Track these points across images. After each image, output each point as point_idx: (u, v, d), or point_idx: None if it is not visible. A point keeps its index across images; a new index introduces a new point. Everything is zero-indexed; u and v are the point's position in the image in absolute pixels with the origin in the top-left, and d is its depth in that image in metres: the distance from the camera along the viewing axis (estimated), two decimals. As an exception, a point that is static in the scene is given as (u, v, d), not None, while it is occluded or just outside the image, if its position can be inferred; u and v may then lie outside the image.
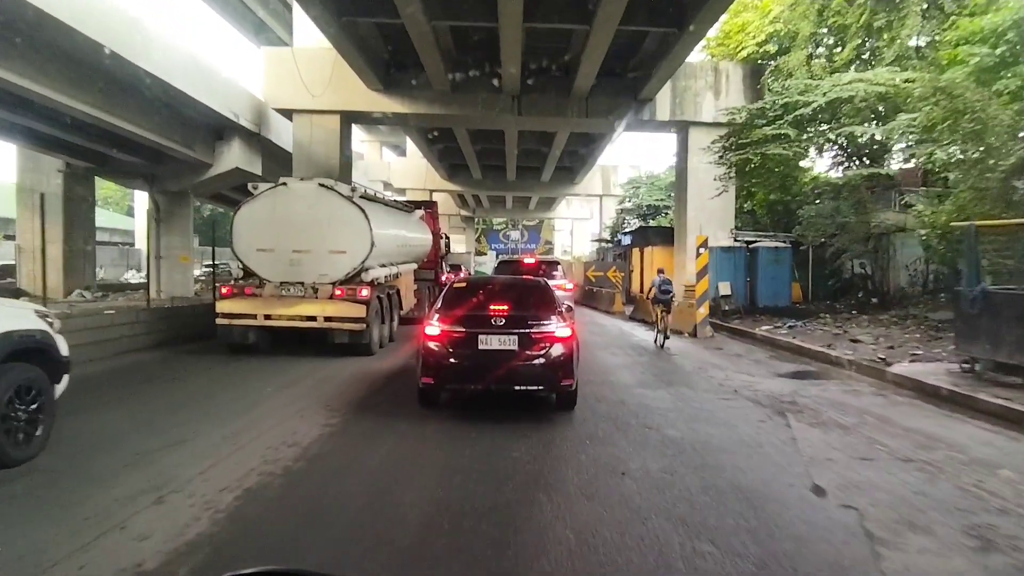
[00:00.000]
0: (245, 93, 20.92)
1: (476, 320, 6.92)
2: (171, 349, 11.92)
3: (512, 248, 52.16)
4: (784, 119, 14.74)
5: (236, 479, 4.91)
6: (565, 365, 6.81)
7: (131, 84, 16.32)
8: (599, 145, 29.92)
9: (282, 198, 11.02)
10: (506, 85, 20.04)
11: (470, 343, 6.77)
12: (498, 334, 6.76)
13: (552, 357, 6.74)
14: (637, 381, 8.97)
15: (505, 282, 8.87)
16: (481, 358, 6.74)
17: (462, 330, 6.84)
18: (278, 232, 10.89)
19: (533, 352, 6.71)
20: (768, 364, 10.63)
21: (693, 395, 8.08)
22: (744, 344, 13.18)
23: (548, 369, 6.73)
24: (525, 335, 6.75)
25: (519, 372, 6.72)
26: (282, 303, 10.73)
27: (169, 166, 21.01)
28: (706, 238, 14.48)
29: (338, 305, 10.65)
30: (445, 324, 6.92)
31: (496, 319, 6.86)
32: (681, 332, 14.58)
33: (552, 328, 6.85)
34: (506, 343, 6.74)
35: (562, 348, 6.79)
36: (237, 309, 10.76)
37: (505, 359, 6.68)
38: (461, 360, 6.80)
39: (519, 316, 6.94)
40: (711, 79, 21.46)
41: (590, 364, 9.91)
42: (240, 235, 11.07)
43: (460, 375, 6.91)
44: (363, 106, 20.73)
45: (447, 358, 6.81)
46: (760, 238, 19.71)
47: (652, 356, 11.35)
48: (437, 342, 6.86)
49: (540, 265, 15.93)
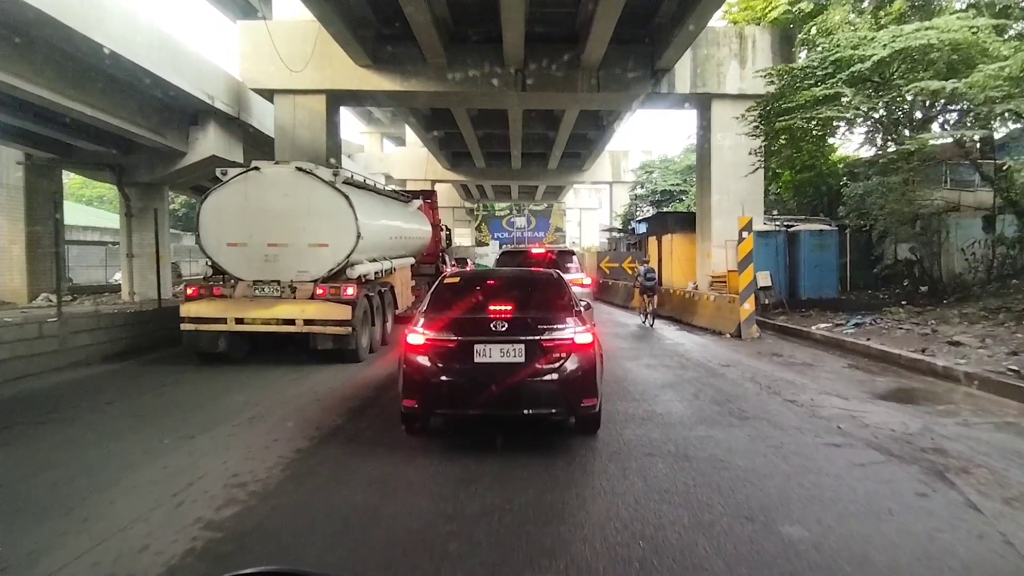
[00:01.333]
0: (221, 73, 18.48)
1: (471, 325, 5.32)
2: (133, 359, 10.05)
3: (518, 237, 45.11)
4: (837, 77, 11.97)
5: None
6: (586, 381, 5.19)
7: (86, 61, 14.13)
8: (610, 127, 27.33)
9: (255, 185, 9.46)
10: (508, 57, 17.60)
11: (463, 355, 5.16)
12: (500, 343, 5.13)
13: (569, 371, 5.12)
14: (693, 412, 6.38)
15: (509, 276, 7.16)
16: (478, 374, 5.13)
17: (453, 338, 5.23)
18: (251, 224, 9.41)
19: (545, 365, 5.12)
20: (854, 378, 8.01)
21: (784, 439, 5.45)
22: (804, 348, 10.57)
23: (564, 386, 5.12)
24: (534, 343, 5.15)
25: (527, 391, 5.15)
26: (256, 304, 9.25)
27: (140, 155, 18.64)
28: (750, 219, 11.95)
29: (320, 306, 9.20)
30: (432, 331, 5.29)
31: (497, 323, 5.21)
32: (721, 333, 11.99)
33: (569, 333, 5.21)
34: (510, 354, 5.11)
35: (582, 359, 5.17)
36: (204, 312, 9.25)
37: (509, 375, 5.07)
38: (452, 377, 5.17)
39: (526, 319, 5.33)
40: (735, 46, 18.82)
41: (623, 383, 7.50)
42: (207, 228, 9.58)
43: (451, 396, 5.26)
44: (351, 84, 18.29)
45: (434, 375, 5.17)
46: (796, 221, 16.99)
47: (699, 368, 8.75)
48: (421, 354, 5.22)
49: (551, 256, 13.09)
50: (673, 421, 6.05)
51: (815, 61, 13.10)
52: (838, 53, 12.78)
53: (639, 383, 7.82)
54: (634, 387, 7.56)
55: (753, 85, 18.53)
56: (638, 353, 10.06)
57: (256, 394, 7.42)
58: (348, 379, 8.35)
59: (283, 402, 6.97)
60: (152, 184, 19.38)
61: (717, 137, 18.94)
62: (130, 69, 14.96)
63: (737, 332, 11.61)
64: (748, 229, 11.73)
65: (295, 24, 18.10)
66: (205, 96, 17.64)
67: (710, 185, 19.08)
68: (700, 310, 13.52)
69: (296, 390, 7.64)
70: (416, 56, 17.61)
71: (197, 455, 5.01)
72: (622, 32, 16.48)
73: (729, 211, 18.95)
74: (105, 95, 15.43)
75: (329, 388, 7.76)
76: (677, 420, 6.07)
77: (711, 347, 10.75)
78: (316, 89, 18.23)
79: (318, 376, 8.65)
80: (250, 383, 7.98)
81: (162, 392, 7.63)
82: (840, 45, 12.99)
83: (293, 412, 6.48)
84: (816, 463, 4.83)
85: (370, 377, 8.47)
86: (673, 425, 5.90)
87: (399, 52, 17.97)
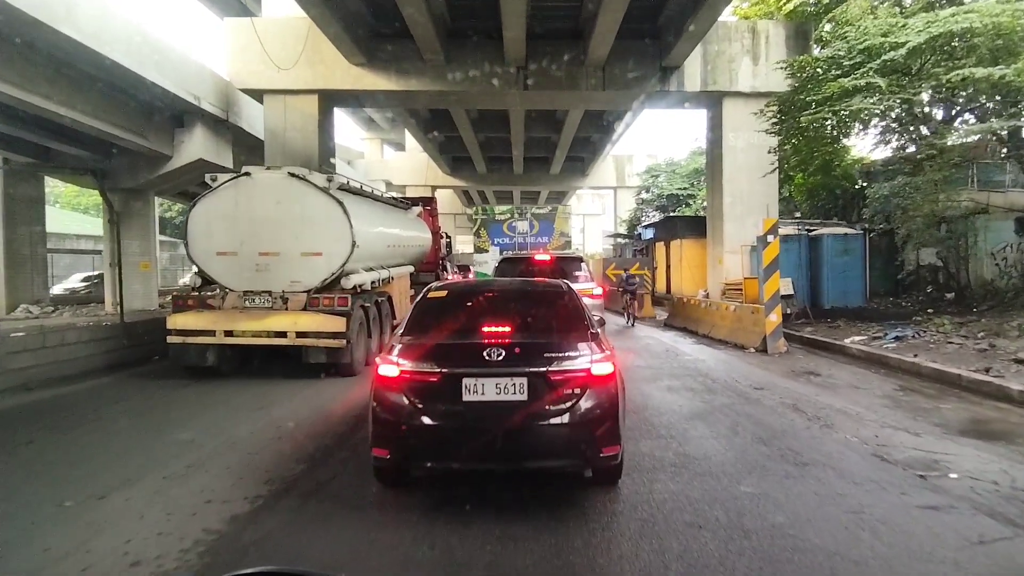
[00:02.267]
0: (208, 73, 17.33)
1: (460, 353, 4.15)
2: (82, 382, 8.86)
3: (520, 243, 41.58)
4: (867, 66, 10.74)
5: None
6: (606, 424, 3.98)
7: (58, 58, 13.05)
8: (614, 129, 26.16)
9: (245, 191, 8.93)
10: (509, 54, 16.50)
11: (449, 392, 3.95)
12: (496, 375, 3.92)
13: (585, 412, 3.92)
14: (736, 455, 5.05)
15: (508, 289, 5.68)
16: (468, 417, 3.95)
17: (436, 370, 4.00)
18: (241, 232, 8.89)
19: (554, 405, 3.91)
20: (914, 406, 6.68)
21: (862, 497, 4.08)
22: (841, 365, 9.24)
23: (579, 432, 3.93)
24: (540, 377, 3.94)
25: (531, 439, 3.99)
26: (246, 316, 8.73)
27: (122, 159, 17.45)
28: (775, 221, 10.66)
29: (313, 317, 8.67)
30: (409, 360, 4.07)
31: (493, 350, 4.00)
32: (744, 347, 10.69)
33: (584, 363, 3.99)
34: (509, 390, 3.90)
35: (601, 396, 3.98)
36: (192, 324, 8.70)
37: (507, 417, 3.88)
38: (434, 420, 3.95)
39: (530, 344, 4.20)
40: (748, 42, 17.62)
41: (643, 412, 6.29)
42: (196, 236, 9.06)
43: (433, 446, 4.05)
44: (344, 83, 17.20)
45: (411, 417, 3.95)
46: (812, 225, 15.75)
47: (728, 392, 7.43)
48: (395, 390, 4.01)
49: (557, 263, 11.39)
50: (713, 469, 4.75)
51: (842, 50, 11.87)
52: (867, 41, 11.57)
53: (663, 412, 6.54)
54: (657, 417, 6.28)
55: (767, 82, 17.36)
56: (656, 372, 8.76)
57: (209, 428, 6.18)
58: (325, 405, 7.12)
59: (237, 440, 5.71)
60: (136, 190, 18.18)
61: (729, 137, 17.75)
62: (106, 67, 13.81)
63: (762, 346, 10.33)
64: (774, 232, 10.47)
65: (286, 21, 17.03)
66: (191, 97, 16.46)
67: (722, 188, 17.87)
68: (718, 321, 12.25)
69: (257, 422, 6.40)
70: (413, 54, 16.52)
71: (98, 527, 3.76)
72: (628, 27, 15.36)
73: (742, 215, 17.74)
74: (81, 94, 14.26)
75: (300, 418, 6.53)
76: (718, 468, 4.77)
77: (736, 364, 9.46)
78: (307, 89, 17.11)
79: (306, 394, 7.44)
80: (206, 412, 6.75)
81: (95, 427, 6.36)
82: (869, 33, 11.76)
83: (245, 456, 5.22)
84: (917, 539, 3.53)
85: (363, 396, 7.17)
86: (715, 475, 4.61)
87: (395, 50, 16.89)
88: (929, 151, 13.56)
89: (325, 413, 6.77)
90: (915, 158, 14.15)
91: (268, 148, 17.30)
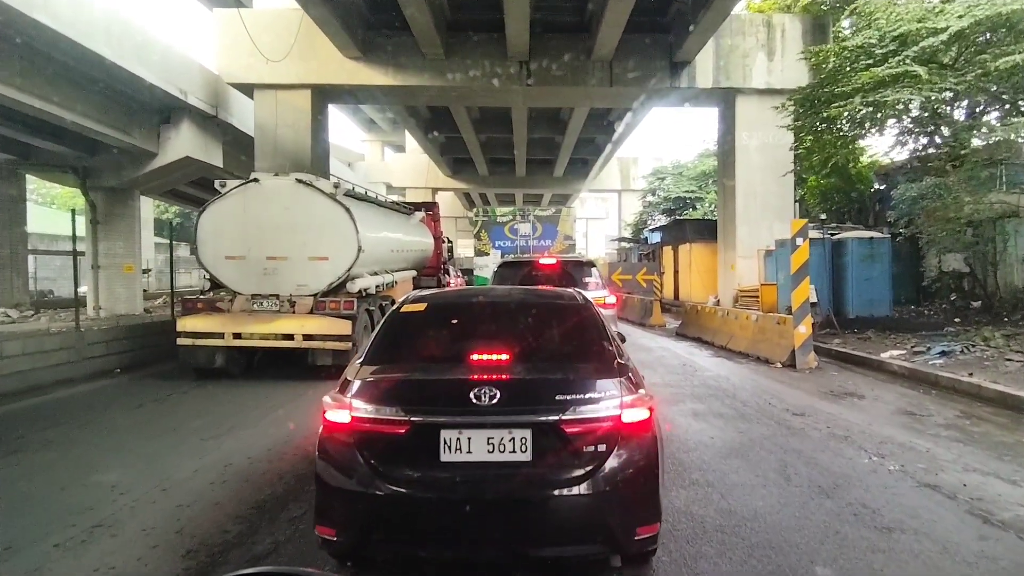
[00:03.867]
0: (196, 67, 16.28)
1: (438, 393, 2.97)
2: (56, 392, 7.99)
3: (522, 246, 38.95)
4: (903, 54, 9.60)
5: None
6: (643, 494, 2.83)
7: (35, 48, 12.00)
8: (619, 129, 25.00)
9: (254, 197, 9.03)
10: (512, 48, 15.46)
11: (421, 448, 2.77)
12: (488, 426, 2.76)
13: (613, 477, 2.74)
14: (797, 514, 3.85)
15: (507, 302, 4.11)
16: (449, 485, 2.75)
17: (402, 417, 2.79)
18: (249, 236, 8.99)
19: (570, 468, 2.75)
20: (991, 440, 5.43)
21: None
22: (883, 384, 8.00)
23: (605, 505, 2.73)
24: (550, 428, 2.77)
25: (538, 516, 2.77)
26: (254, 319, 8.80)
27: (106, 157, 16.40)
28: (805, 223, 9.52)
29: (319, 320, 8.73)
30: (367, 401, 2.86)
31: (484, 389, 2.79)
32: (769, 361, 9.52)
33: (611, 407, 2.81)
34: (506, 447, 2.74)
35: (635, 454, 2.80)
36: (202, 327, 8.74)
37: (504, 486, 2.73)
38: (401, 489, 2.75)
39: (536, 381, 3.01)
40: (763, 36, 16.53)
41: (669, 446, 5.12)
42: (205, 241, 9.09)
43: (399, 526, 2.77)
44: (338, 78, 16.14)
45: (368, 483, 2.76)
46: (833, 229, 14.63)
47: (764, 418, 6.22)
48: (348, 445, 2.83)
49: (564, 268, 9.83)
50: (772, 537, 3.52)
51: (873, 38, 10.72)
52: (901, 27, 10.43)
53: (692, 446, 5.36)
54: (687, 454, 5.11)
55: (783, 78, 16.27)
56: (677, 392, 7.57)
57: (144, 465, 5.01)
58: (292, 433, 5.95)
59: (172, 484, 4.54)
60: (120, 188, 17.09)
61: (742, 136, 16.65)
62: (85, 58, 12.79)
63: (790, 361, 9.15)
64: (803, 235, 9.30)
65: (278, 13, 15.97)
66: (177, 91, 15.40)
67: (734, 190, 16.75)
68: (737, 331, 11.08)
69: (204, 457, 5.22)
70: (411, 47, 15.47)
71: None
72: (637, 20, 14.30)
73: (756, 218, 16.63)
74: (58, 88, 13.21)
75: (259, 447, 5.39)
76: (778, 535, 3.54)
77: (764, 383, 8.26)
78: (300, 84, 16.04)
79: (257, 426, 6.29)
80: (149, 442, 5.57)
81: (14, 463, 5.19)
82: (903, 19, 10.63)
83: (172, 509, 4.06)
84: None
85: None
86: (777, 548, 3.41)
87: (392, 43, 15.84)
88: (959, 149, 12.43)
89: (292, 441, 5.62)
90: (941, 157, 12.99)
91: (258, 145, 16.23)
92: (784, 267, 13.67)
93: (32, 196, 38.70)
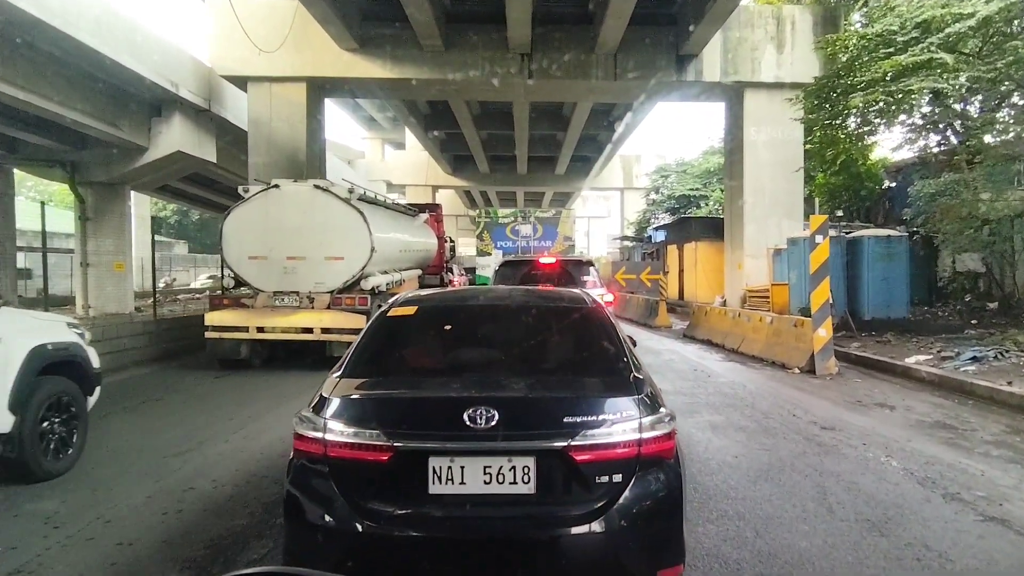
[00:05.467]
0: (188, 59, 15.65)
1: (426, 413, 2.55)
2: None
3: (523, 247, 39.62)
4: (927, 41, 8.94)
5: None
6: (665, 531, 2.41)
7: (18, 37, 11.57)
8: (622, 127, 24.33)
9: (274, 201, 9.66)
10: (513, 40, 14.85)
11: (406, 478, 2.35)
12: (484, 453, 2.33)
13: (631, 512, 2.30)
14: (846, 553, 3.22)
15: (506, 305, 3.63)
16: (438, 522, 2.33)
17: (384, 443, 2.34)
18: (271, 238, 9.59)
19: (580, 502, 2.31)
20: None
21: None
22: (911, 392, 7.31)
23: (621, 545, 2.32)
24: (557, 456, 2.33)
25: (544, 558, 2.33)
26: (276, 314, 9.43)
27: (95, 151, 15.77)
28: (825, 219, 8.85)
29: (336, 315, 9.33)
30: (344, 423, 2.43)
31: (480, 410, 2.35)
32: (786, 366, 8.86)
33: (628, 430, 2.37)
34: (506, 478, 2.31)
35: (656, 485, 2.38)
36: (228, 321, 9.41)
37: (503, 524, 2.33)
38: (383, 526, 2.31)
39: (541, 400, 2.58)
40: (772, 28, 15.87)
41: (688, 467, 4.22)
42: (230, 242, 9.72)
43: (380, 570, 2.36)
44: (334, 70, 15.53)
45: (344, 519, 2.32)
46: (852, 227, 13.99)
47: (791, 432, 5.49)
48: (321, 474, 2.40)
49: (563, 267, 9.97)
50: None
51: (894, 25, 10.06)
52: (924, 13, 9.77)
53: (715, 467, 4.66)
54: (710, 477, 4.45)
55: (792, 72, 15.61)
56: (691, 401, 6.90)
57: (90, 490, 4.35)
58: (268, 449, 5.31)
59: (117, 516, 3.86)
60: (110, 183, 16.45)
61: (750, 132, 15.98)
62: (72, 48, 12.23)
63: (809, 366, 8.48)
64: (823, 232, 8.61)
65: (272, 3, 15.29)
66: (168, 83, 14.76)
67: (742, 187, 16.09)
68: (750, 334, 10.42)
69: (166, 478, 4.59)
70: (409, 39, 14.85)
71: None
72: (642, 12, 13.68)
73: (764, 216, 15.97)
74: (44, 78, 12.61)
75: (228, 469, 4.75)
76: None
77: (784, 391, 7.57)
78: (295, 76, 15.41)
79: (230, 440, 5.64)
80: (95, 470, 4.88)
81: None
82: (925, 4, 9.96)
83: (104, 554, 3.41)
84: None
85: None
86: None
87: (389, 34, 15.21)
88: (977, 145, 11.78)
89: (266, 460, 4.98)
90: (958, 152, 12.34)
91: (252, 140, 15.60)
92: (797, 266, 13.02)
93: (30, 193, 38.10)
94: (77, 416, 4.87)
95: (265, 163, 15.50)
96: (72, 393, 4.84)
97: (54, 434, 4.61)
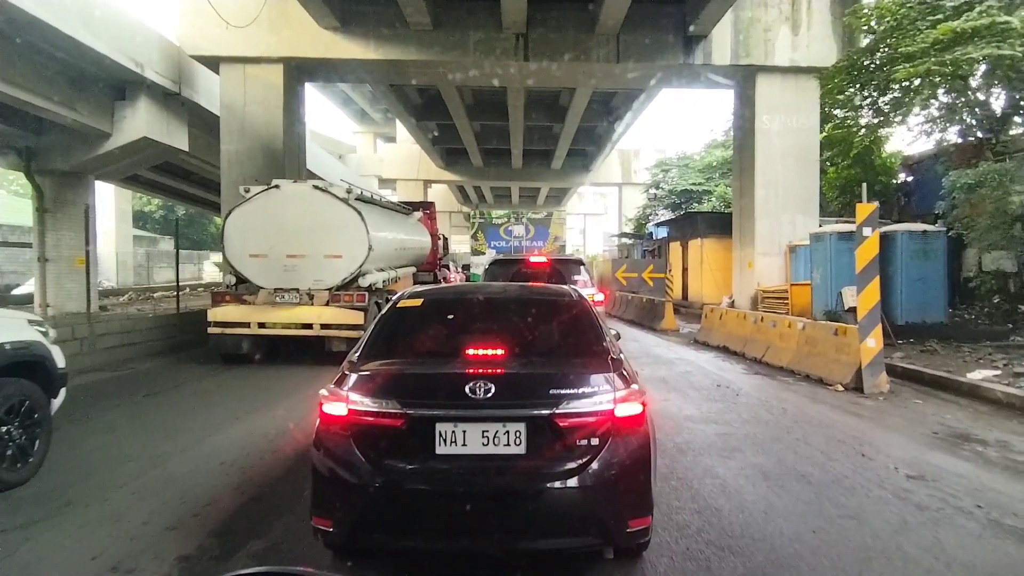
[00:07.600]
0: (155, 37, 14.20)
1: (433, 387, 2.93)
2: None
3: (516, 246, 40.29)
4: (986, 4, 7.52)
5: None
6: (634, 487, 2.78)
7: None
8: (623, 118, 22.86)
9: (275, 201, 9.81)
10: (507, 17, 13.51)
11: (417, 441, 2.74)
12: (483, 419, 2.74)
13: (606, 470, 2.71)
14: None
15: (502, 298, 4.06)
16: (443, 477, 2.73)
17: (398, 410, 2.75)
18: (271, 236, 9.73)
19: (563, 460, 2.72)
20: None
21: None
22: (989, 417, 5.89)
23: (598, 498, 2.71)
24: (544, 421, 2.74)
25: (532, 508, 2.73)
26: (277, 309, 9.54)
27: (53, 137, 14.31)
28: (874, 208, 7.43)
29: (335, 311, 9.47)
30: (363, 394, 2.81)
31: (479, 383, 2.76)
32: (825, 381, 7.43)
33: (604, 401, 2.76)
34: (501, 440, 2.72)
35: (628, 447, 2.77)
36: (231, 316, 9.51)
37: (498, 478, 2.72)
38: (396, 481, 2.73)
39: (530, 376, 2.99)
40: (787, 8, 14.52)
41: (740, 543, 3.06)
42: (231, 240, 9.89)
43: (394, 517, 2.77)
44: (314, 51, 14.10)
45: (364, 475, 2.72)
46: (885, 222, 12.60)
47: (880, 492, 3.95)
48: (344, 437, 2.78)
49: (554, 266, 9.99)
50: None
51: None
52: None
53: (788, 557, 3.15)
54: (785, 573, 3.02)
55: (808, 55, 14.24)
56: (725, 432, 5.41)
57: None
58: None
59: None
60: (71, 172, 14.94)
61: (763, 120, 14.63)
62: (16, 20, 10.70)
63: (855, 383, 7.06)
64: (871, 223, 7.19)
65: (247, -24, 13.80)
66: (132, 64, 13.27)
67: (753, 180, 14.73)
68: (776, 341, 8.99)
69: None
70: (395, 17, 13.44)
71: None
72: (648, -14, 12.27)
73: (778, 211, 14.60)
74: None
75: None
76: None
77: (835, 417, 6.07)
78: (271, 57, 13.95)
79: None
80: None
81: None
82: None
83: None
84: None
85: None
86: None
87: (374, 11, 13.83)
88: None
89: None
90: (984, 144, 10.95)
91: (224, 125, 14.15)
92: (821, 264, 11.67)
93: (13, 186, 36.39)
94: (39, 422, 4.54)
95: (239, 151, 14.06)
96: (33, 396, 4.53)
97: (12, 441, 4.30)
